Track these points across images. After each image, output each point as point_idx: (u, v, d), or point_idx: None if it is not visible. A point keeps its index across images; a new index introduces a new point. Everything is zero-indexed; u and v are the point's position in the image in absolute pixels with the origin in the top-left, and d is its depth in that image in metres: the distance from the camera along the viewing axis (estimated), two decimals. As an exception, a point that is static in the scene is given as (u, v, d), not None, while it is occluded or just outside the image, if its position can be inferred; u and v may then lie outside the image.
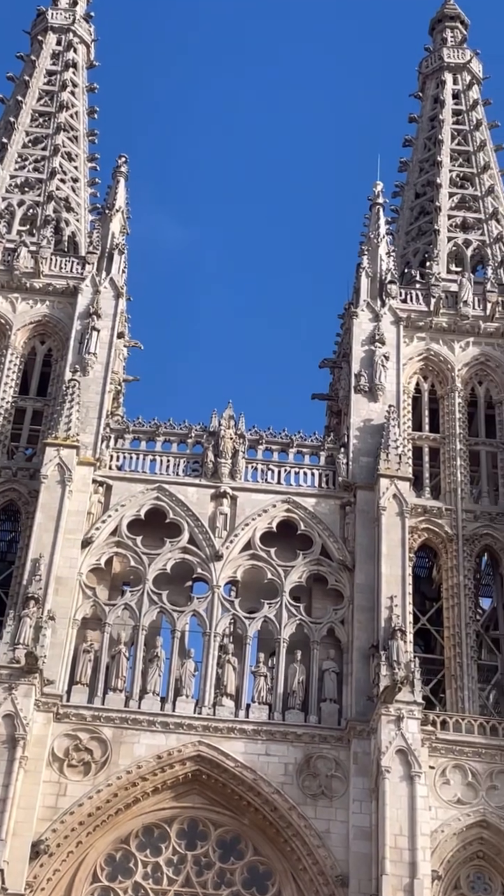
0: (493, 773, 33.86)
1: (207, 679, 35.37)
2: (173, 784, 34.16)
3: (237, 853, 33.83)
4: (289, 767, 33.89)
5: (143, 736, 34.18)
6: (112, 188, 44.78)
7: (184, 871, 33.46)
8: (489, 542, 38.70)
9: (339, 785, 33.72)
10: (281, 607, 36.63)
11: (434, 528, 38.64)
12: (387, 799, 31.88)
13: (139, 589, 36.78)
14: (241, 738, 34.27)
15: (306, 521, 37.99)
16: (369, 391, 40.08)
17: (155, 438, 39.59)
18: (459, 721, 34.74)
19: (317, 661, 35.87)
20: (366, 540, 37.05)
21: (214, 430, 39.43)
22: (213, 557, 37.20)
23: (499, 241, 46.03)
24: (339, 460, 38.96)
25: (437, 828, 32.76)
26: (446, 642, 37.28)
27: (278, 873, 33.38)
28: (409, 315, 42.07)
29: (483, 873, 33.27)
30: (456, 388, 41.43)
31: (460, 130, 49.19)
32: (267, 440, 39.71)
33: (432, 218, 46.60)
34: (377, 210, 44.30)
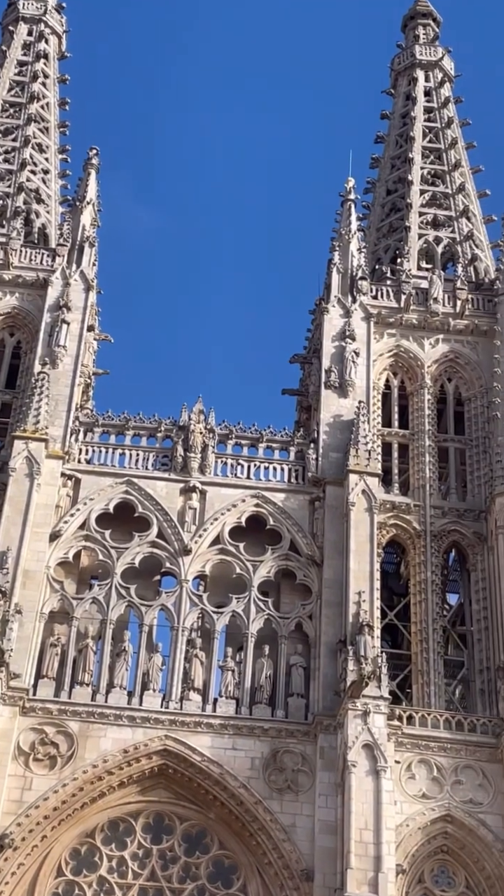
0: (458, 767, 34.08)
1: (175, 673, 35.36)
2: (139, 778, 34.13)
3: (203, 847, 33.85)
4: (255, 762, 33.96)
5: (109, 730, 34.13)
6: (83, 180, 44.55)
7: (149, 865, 33.45)
8: (457, 539, 38.91)
9: (306, 779, 33.82)
10: (249, 602, 36.67)
11: (402, 523, 38.80)
12: (352, 793, 32.01)
13: (107, 583, 36.70)
14: (207, 733, 34.30)
15: (275, 517, 38.03)
16: (339, 387, 40.16)
17: (124, 432, 39.49)
18: (425, 716, 34.92)
19: (284, 656, 35.94)
20: (334, 535, 37.16)
21: (184, 425, 39.37)
22: (182, 552, 37.17)
23: (469, 238, 46.23)
24: (309, 455, 39.03)
25: (402, 822, 32.92)
26: (413, 638, 37.46)
27: (243, 867, 33.44)
28: (380, 311, 42.18)
29: (447, 867, 33.47)
30: (425, 385, 41.59)
31: (432, 128, 49.35)
32: (237, 435, 39.71)
33: (403, 215, 46.72)
34: (349, 206, 44.38)
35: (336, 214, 44.77)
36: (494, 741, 34.23)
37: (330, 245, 43.56)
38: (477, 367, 41.81)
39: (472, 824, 33.25)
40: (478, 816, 33.35)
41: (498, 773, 33.84)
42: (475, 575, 38.30)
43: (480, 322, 42.24)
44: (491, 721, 34.72)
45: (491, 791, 33.75)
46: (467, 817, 33.34)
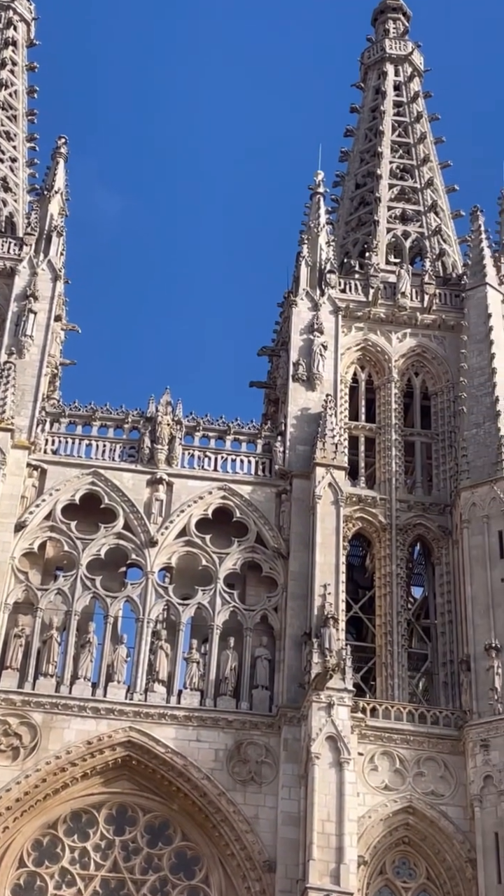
0: (421, 759, 34.31)
1: (139, 665, 35.35)
2: (103, 770, 34.12)
3: (165, 839, 33.91)
4: (219, 753, 34.03)
5: (73, 721, 34.08)
6: (51, 169, 44.30)
7: (111, 856, 33.47)
8: (422, 532, 39.12)
9: (269, 771, 33.93)
10: (215, 594, 36.70)
11: (368, 517, 38.96)
12: (316, 785, 32.16)
13: (72, 574, 36.60)
14: (172, 724, 34.33)
15: (242, 509, 38.06)
16: (307, 380, 40.23)
17: (91, 423, 39.36)
18: (389, 708, 35.13)
19: (249, 648, 36.02)
20: (301, 528, 37.26)
21: (151, 416, 39.30)
22: (148, 543, 37.13)
23: (437, 233, 46.39)
24: (276, 448, 39.08)
25: (364, 814, 33.12)
26: (378, 630, 37.65)
27: (206, 858, 33.54)
28: (348, 305, 42.26)
29: (408, 859, 33.73)
30: (393, 379, 41.73)
31: (401, 122, 49.44)
32: (204, 427, 39.69)
33: (372, 209, 46.81)
34: (318, 199, 44.39)
35: (305, 207, 44.85)
36: (457, 733, 34.50)
37: (299, 238, 43.60)
38: (444, 361, 42.01)
39: (433, 816, 33.51)
40: (439, 808, 33.62)
41: (460, 765, 34.11)
42: (440, 569, 38.53)
43: (448, 317, 42.43)
44: (453, 714, 34.99)
45: (452, 783, 34.02)
46: (429, 809, 33.59)
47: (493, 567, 36.33)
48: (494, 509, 37.21)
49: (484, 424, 39.05)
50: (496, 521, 37.02)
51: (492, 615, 35.54)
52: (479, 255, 42.87)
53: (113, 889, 33.19)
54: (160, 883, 33.38)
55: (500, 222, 44.95)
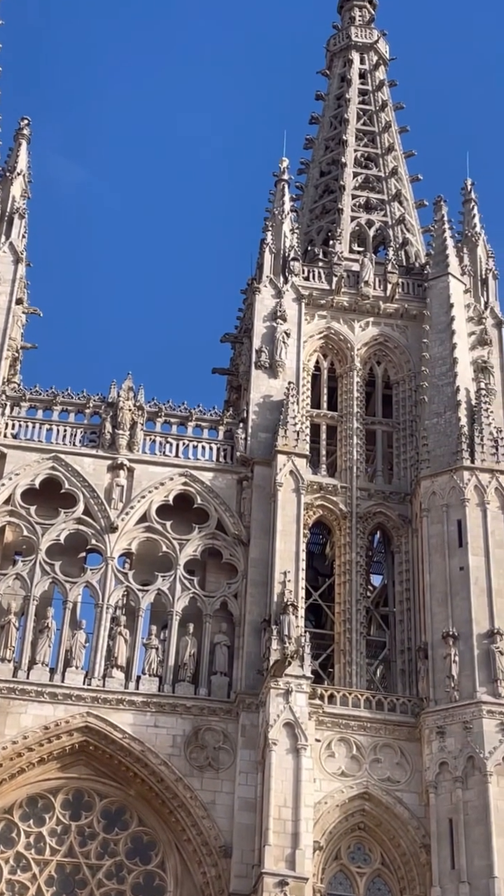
0: (377, 746, 34.54)
1: (98, 650, 35.28)
2: (60, 755, 34.05)
3: (122, 824, 33.93)
4: (177, 739, 34.07)
5: (30, 706, 33.98)
6: (13, 151, 43.90)
7: (67, 841, 33.44)
8: (382, 521, 39.30)
9: (227, 757, 34.03)
10: (175, 580, 36.68)
11: (329, 505, 39.07)
12: (272, 771, 32.29)
13: (31, 559, 36.43)
14: (129, 710, 34.32)
15: (203, 495, 38.03)
16: (270, 367, 40.22)
17: (52, 407, 39.13)
18: (346, 695, 35.31)
19: (209, 635, 36.06)
20: (261, 515, 37.30)
21: (113, 401, 39.14)
22: (108, 529, 37.02)
23: (400, 222, 46.48)
24: (238, 435, 39.08)
25: (320, 799, 33.29)
26: (337, 618, 37.81)
27: (162, 844, 33.60)
28: (311, 293, 42.27)
29: (363, 844, 33.96)
30: (355, 368, 41.83)
31: (366, 110, 49.44)
32: (166, 413, 39.59)
33: (336, 197, 46.81)
34: (282, 186, 44.35)
35: (269, 194, 44.79)
36: (413, 720, 34.75)
37: (263, 225, 43.55)
38: (406, 350, 42.14)
39: (388, 802, 33.75)
40: (395, 794, 33.86)
41: (416, 751, 34.36)
42: (399, 557, 38.74)
43: (410, 306, 42.55)
44: (410, 701, 35.23)
45: (408, 769, 34.27)
46: (384, 795, 33.83)
47: (452, 556, 36.58)
48: (454, 498, 37.45)
49: (445, 414, 39.27)
50: (455, 511, 37.27)
51: (450, 603, 35.80)
52: (442, 245, 43.02)
53: (68, 874, 33.18)
54: (116, 868, 33.40)
55: (463, 213, 45.18)
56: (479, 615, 35.29)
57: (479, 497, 37.32)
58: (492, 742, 33.38)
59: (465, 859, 32.15)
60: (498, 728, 33.60)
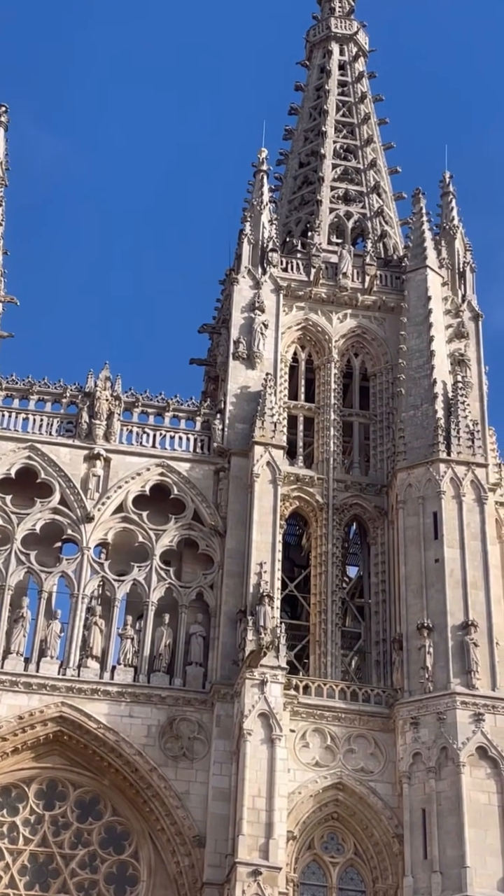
0: (352, 737, 34.66)
1: (73, 640, 35.23)
2: (34, 745, 34.01)
3: (96, 814, 33.93)
4: (152, 729, 34.10)
5: (4, 696, 33.94)
6: (-9, 138, 43.68)
7: (40, 830, 33.42)
8: (358, 512, 39.40)
9: (201, 747, 34.07)
10: (151, 571, 36.66)
11: (305, 496, 39.12)
12: (247, 761, 32.38)
13: (7, 548, 36.32)
14: (104, 700, 34.30)
15: (179, 486, 38.01)
16: (247, 358, 40.21)
17: (28, 397, 38.99)
18: (321, 686, 35.42)
19: (184, 625, 36.07)
20: (238, 506, 37.33)
21: (90, 391, 39.04)
22: (84, 519, 36.96)
23: (379, 214, 46.51)
24: (215, 426, 39.06)
25: (294, 789, 33.39)
26: (312, 609, 37.90)
27: (136, 833, 33.63)
28: (290, 284, 42.25)
29: (336, 834, 34.09)
30: (332, 359, 41.86)
31: (345, 102, 49.41)
32: (143, 403, 39.52)
33: (315, 188, 46.78)
34: (261, 177, 44.25)
35: (248, 185, 44.74)
36: (387, 711, 34.91)
37: (241, 215, 43.49)
38: (383, 343, 42.20)
39: (362, 792, 33.90)
40: (368, 784, 34.01)
41: (390, 742, 34.53)
42: (375, 548, 38.86)
43: (388, 298, 42.60)
44: (385, 692, 35.38)
45: (382, 760, 34.43)
46: (358, 785, 33.97)
47: (428, 548, 36.73)
48: (430, 491, 37.58)
49: (421, 406, 39.38)
50: (431, 503, 37.41)
51: (425, 595, 35.95)
52: (420, 237, 43.09)
53: (41, 863, 33.17)
54: (89, 857, 33.41)
55: (442, 206, 45.23)
56: (454, 607, 35.47)
57: (455, 489, 37.48)
58: (465, 733, 33.58)
59: (438, 849, 32.35)
60: (471, 719, 33.81)
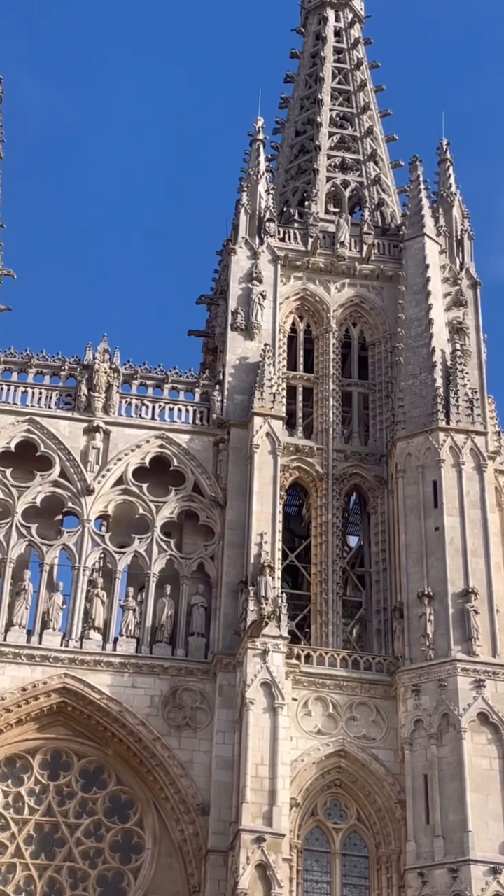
0: (353, 704, 34.87)
1: (75, 612, 35.38)
2: (38, 716, 34.23)
3: (100, 783, 34.19)
4: (155, 699, 34.30)
5: (7, 668, 34.11)
6: (-14, 108, 43.38)
7: (46, 800, 33.69)
8: (358, 482, 39.46)
9: (204, 717, 34.29)
10: (151, 542, 36.76)
11: (305, 466, 39.17)
12: (250, 730, 32.58)
13: (7, 521, 36.40)
14: (107, 671, 34.49)
15: (179, 458, 38.04)
16: (245, 329, 40.13)
17: (27, 370, 38.95)
18: (323, 655, 35.60)
19: (186, 596, 36.21)
20: (238, 477, 37.37)
21: (88, 364, 39.00)
22: (85, 492, 37.02)
23: (376, 182, 46.23)
24: (214, 397, 39.04)
25: (297, 757, 33.63)
26: (313, 579, 38.03)
27: (140, 802, 33.90)
28: (287, 254, 42.09)
29: (339, 800, 34.37)
30: (331, 329, 41.78)
31: (341, 69, 49.00)
32: (142, 375, 39.48)
33: (312, 157, 46.45)
34: (257, 146, 44.01)
35: (245, 154, 44.45)
36: (389, 679, 35.10)
37: (238, 185, 43.26)
38: (382, 312, 42.09)
39: (364, 759, 34.14)
40: (370, 751, 34.25)
41: (391, 709, 34.73)
42: (375, 518, 38.95)
43: (386, 267, 42.44)
44: (386, 660, 35.56)
45: (384, 727, 34.65)
46: (360, 752, 34.21)
47: (427, 516, 36.82)
48: (429, 459, 37.62)
49: (420, 375, 39.34)
50: (431, 472, 37.45)
51: (425, 563, 36.07)
52: (418, 205, 42.87)
53: (47, 833, 33.47)
54: (94, 826, 33.70)
55: (439, 173, 45.00)
56: (454, 575, 35.60)
57: (454, 458, 37.52)
58: (466, 699, 33.78)
59: (440, 814, 32.64)
60: (472, 685, 34.00)
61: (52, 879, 32.93)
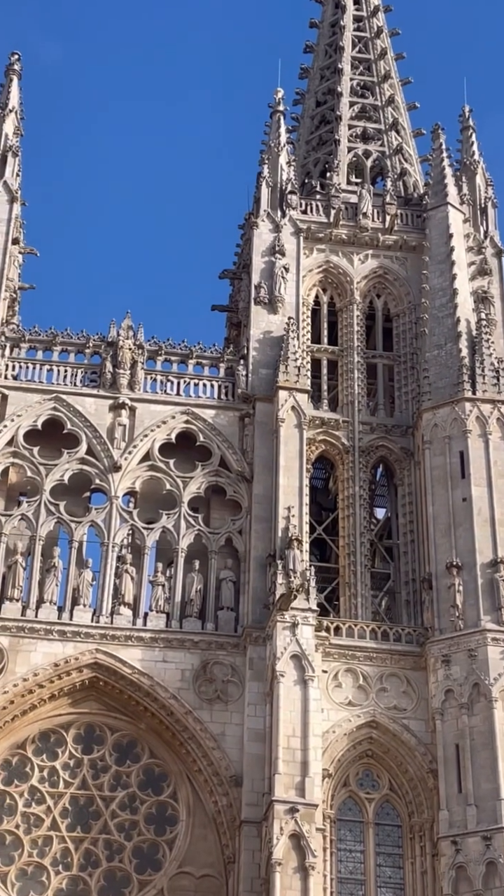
0: (384, 675, 34.96)
1: (105, 589, 35.59)
2: (70, 691, 34.51)
3: (133, 756, 34.47)
4: (185, 673, 34.49)
5: (39, 644, 34.37)
6: (5, 87, 43.30)
7: (80, 774, 34.00)
8: (384, 454, 39.39)
9: (235, 690, 34.46)
10: (179, 518, 36.87)
11: (331, 439, 39.13)
12: (281, 702, 32.72)
13: (36, 499, 36.60)
14: (138, 646, 34.71)
15: (205, 433, 38.08)
16: (269, 303, 40.03)
17: (52, 348, 39.05)
18: (352, 627, 35.68)
19: (214, 571, 36.33)
20: (264, 451, 37.39)
21: (113, 341, 39.05)
22: (112, 468, 37.15)
23: (398, 152, 45.88)
24: (239, 372, 39.02)
25: (328, 729, 33.77)
26: (341, 551, 38.07)
27: (173, 775, 34.17)
28: (310, 226, 41.89)
29: (371, 770, 34.53)
30: (354, 301, 41.61)
31: (361, 37, 48.55)
32: (166, 351, 39.50)
33: (333, 127, 46.14)
34: (278, 118, 43.75)
35: (265, 126, 44.18)
36: (418, 650, 35.15)
37: (259, 158, 43.05)
38: (405, 283, 41.87)
39: (396, 729, 34.26)
40: (402, 722, 34.35)
41: (421, 680, 34.80)
42: (402, 489, 38.89)
43: (409, 237, 42.18)
44: (415, 631, 35.60)
45: (415, 697, 34.73)
46: (391, 723, 34.31)
47: (455, 487, 36.73)
48: (456, 430, 37.50)
49: (445, 346, 39.16)
50: (457, 442, 37.34)
51: (453, 534, 36.03)
52: (441, 174, 42.53)
53: (82, 806, 33.81)
54: (129, 799, 34.02)
55: (462, 140, 44.63)
56: (483, 545, 35.55)
57: (480, 428, 37.38)
58: (497, 669, 33.81)
59: (472, 783, 32.73)
60: (502, 655, 33.98)
61: (88, 851, 33.32)
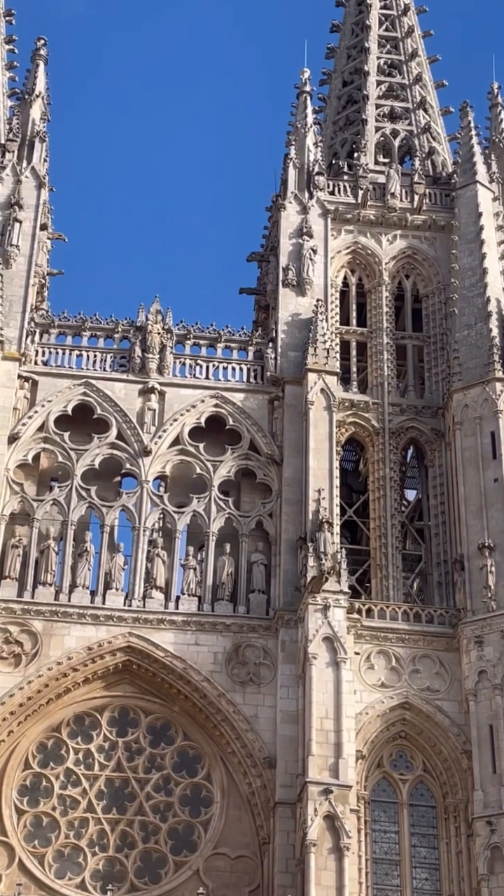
0: (416, 657, 34.93)
1: (137, 572, 35.72)
2: (104, 674, 34.71)
3: (167, 739, 34.64)
4: (218, 656, 34.60)
5: (73, 628, 34.57)
6: (31, 72, 43.31)
7: (115, 756, 34.21)
8: (415, 435, 39.25)
9: (268, 672, 34.55)
10: (210, 501, 36.92)
11: (361, 421, 39.03)
12: (313, 684, 32.76)
13: (67, 484, 36.76)
14: (170, 629, 34.83)
15: (235, 416, 38.08)
16: (297, 285, 39.90)
17: (81, 333, 39.14)
18: (384, 609, 35.66)
19: (245, 554, 36.37)
20: (294, 434, 37.34)
21: (141, 325, 39.08)
22: (142, 453, 37.24)
23: (426, 131, 45.51)
24: (268, 355, 38.95)
25: (361, 710, 33.81)
26: (372, 533, 38.02)
27: (208, 757, 34.33)
28: (337, 207, 41.68)
29: (405, 751, 34.55)
30: (383, 282, 41.39)
31: (388, 15, 48.10)
32: (195, 335, 39.48)
33: (360, 107, 45.81)
34: (304, 98, 43.50)
35: (292, 107, 43.98)
36: (451, 631, 35.09)
37: (286, 139, 42.85)
38: (434, 263, 41.61)
39: (429, 710, 34.24)
40: (435, 703, 34.33)
41: (454, 661, 34.75)
42: (433, 471, 38.76)
43: (438, 217, 41.89)
44: (448, 612, 35.53)
45: (448, 679, 34.70)
46: (425, 704, 34.30)
47: (486, 468, 36.56)
48: (487, 410, 37.30)
49: (475, 325, 38.91)
50: (488, 423, 37.15)
51: (485, 515, 35.89)
52: (469, 152, 42.18)
53: (117, 788, 34.05)
54: (163, 781, 34.21)
55: (491, 118, 44.21)
56: (515, 526, 35.38)
57: (512, 408, 37.14)
58: (530, 649, 33.72)
59: (507, 763, 32.71)
60: (535, 635, 33.91)
61: (124, 833, 33.57)
